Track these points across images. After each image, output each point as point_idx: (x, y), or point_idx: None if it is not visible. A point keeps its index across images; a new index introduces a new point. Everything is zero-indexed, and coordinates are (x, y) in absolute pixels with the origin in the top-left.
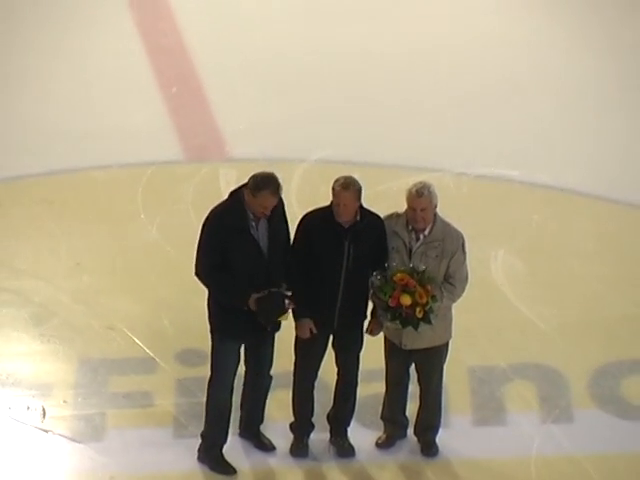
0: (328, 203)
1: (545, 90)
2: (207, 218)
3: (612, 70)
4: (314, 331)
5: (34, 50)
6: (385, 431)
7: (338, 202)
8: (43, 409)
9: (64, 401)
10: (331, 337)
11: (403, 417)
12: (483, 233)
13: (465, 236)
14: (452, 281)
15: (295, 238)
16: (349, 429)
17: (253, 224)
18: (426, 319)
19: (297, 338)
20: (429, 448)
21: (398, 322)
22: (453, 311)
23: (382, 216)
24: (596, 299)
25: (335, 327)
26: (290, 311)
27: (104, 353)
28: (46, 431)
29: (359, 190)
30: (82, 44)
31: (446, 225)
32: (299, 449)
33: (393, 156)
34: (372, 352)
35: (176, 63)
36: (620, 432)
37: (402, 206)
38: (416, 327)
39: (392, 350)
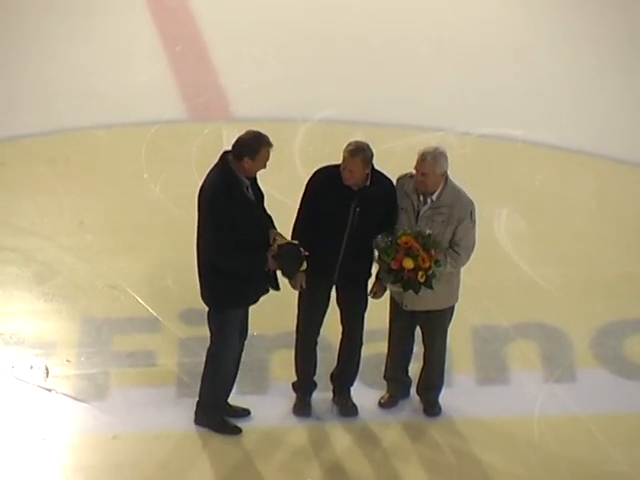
0: (333, 162)
1: (548, 49)
2: (212, 199)
3: (618, 27)
4: (303, 286)
5: (37, 9)
6: (388, 390)
7: (345, 167)
8: (46, 368)
9: (67, 360)
10: (334, 293)
11: (406, 376)
12: (486, 192)
13: (469, 196)
14: (457, 249)
15: (304, 191)
16: (352, 388)
17: (250, 191)
18: (428, 283)
19: (300, 293)
20: (431, 408)
21: (399, 285)
22: (461, 275)
23: (394, 177)
24: (599, 258)
25: (336, 281)
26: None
27: (107, 312)
28: (49, 390)
29: (368, 157)
30: (86, 4)
31: (457, 191)
32: (301, 408)
33: (396, 115)
34: (376, 311)
35: (180, 22)
36: (623, 391)
37: (405, 165)
38: (417, 291)
39: (396, 310)
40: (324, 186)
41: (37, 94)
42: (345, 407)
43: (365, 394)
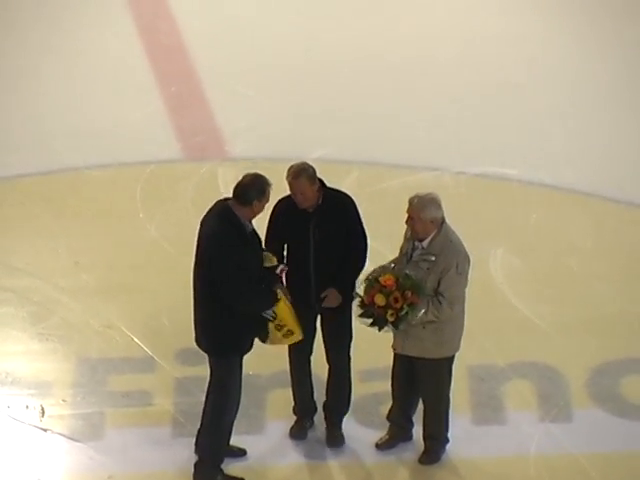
0: None
1: (543, 88)
2: (226, 243)
3: (611, 68)
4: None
5: (32, 48)
6: (388, 432)
7: (294, 192)
8: (42, 408)
9: (63, 400)
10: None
11: (406, 421)
12: (482, 232)
13: (463, 235)
14: (440, 298)
15: (268, 225)
16: (345, 422)
17: (252, 234)
18: (396, 324)
19: None
20: (424, 455)
21: (367, 320)
22: (456, 327)
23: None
24: (595, 297)
25: (316, 309)
26: None
27: (103, 352)
28: (45, 430)
29: (311, 174)
30: (82, 43)
31: (448, 241)
32: (297, 432)
33: (392, 155)
34: (370, 351)
35: (175, 62)
36: (619, 431)
37: (400, 205)
38: (380, 329)
39: (394, 354)
40: (283, 214)
41: (32, 134)
42: (332, 437)
43: (362, 434)
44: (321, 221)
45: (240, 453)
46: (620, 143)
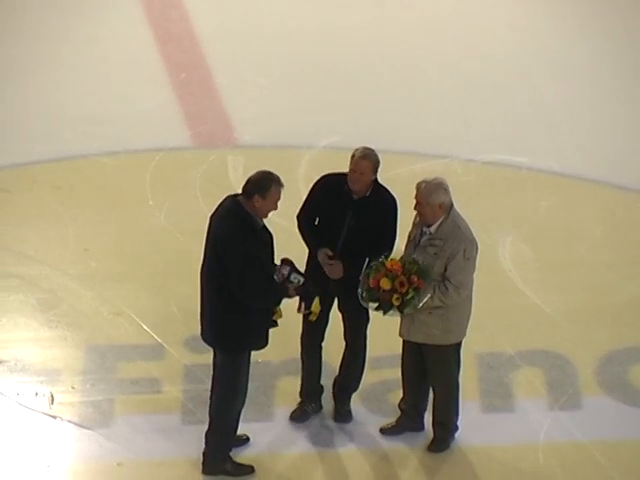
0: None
1: (553, 76)
2: (237, 236)
3: (622, 55)
4: (329, 253)
5: (43, 36)
6: (397, 420)
7: (355, 169)
8: (51, 395)
9: (72, 387)
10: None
11: (416, 414)
12: (491, 220)
13: (473, 223)
14: (447, 284)
15: (309, 192)
16: (354, 409)
17: (264, 230)
18: (401, 308)
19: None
20: (433, 443)
21: (371, 303)
22: (463, 313)
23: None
24: (604, 285)
25: (331, 289)
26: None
27: (112, 339)
28: (54, 417)
29: (377, 162)
30: (91, 30)
31: (456, 227)
32: (299, 415)
33: (401, 143)
34: (382, 338)
35: (185, 50)
36: (627, 419)
37: (410, 193)
38: (385, 312)
39: (402, 341)
40: (326, 190)
41: (41, 121)
42: (339, 413)
43: (371, 420)
44: (362, 210)
45: (242, 441)
46: (629, 131)
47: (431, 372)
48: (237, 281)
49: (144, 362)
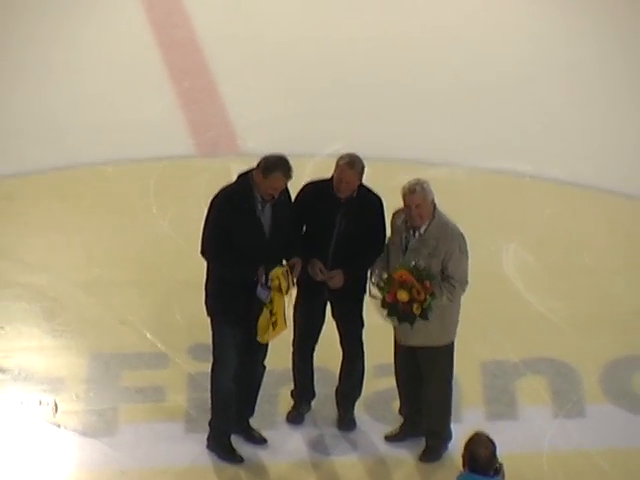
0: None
1: (558, 83)
2: (216, 197)
3: (627, 63)
4: (322, 267)
5: (46, 43)
6: (400, 426)
7: (340, 178)
8: (55, 404)
9: (76, 396)
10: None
11: (418, 414)
12: (495, 227)
13: (476, 230)
14: (452, 281)
15: (293, 204)
16: (358, 417)
17: (260, 207)
18: (423, 315)
19: (296, 306)
20: (424, 453)
21: (395, 318)
22: (459, 314)
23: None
24: (608, 293)
25: (326, 296)
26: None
27: (116, 347)
28: (58, 426)
29: (363, 169)
30: (95, 38)
31: (444, 224)
32: (294, 416)
33: (405, 150)
34: (383, 346)
35: (188, 57)
36: (632, 426)
37: None
38: (412, 323)
39: (396, 346)
40: (313, 198)
41: (46, 129)
42: (342, 421)
43: (374, 429)
44: (350, 212)
45: (261, 440)
46: (634, 139)
47: (427, 376)
48: (202, 239)
49: (148, 370)
